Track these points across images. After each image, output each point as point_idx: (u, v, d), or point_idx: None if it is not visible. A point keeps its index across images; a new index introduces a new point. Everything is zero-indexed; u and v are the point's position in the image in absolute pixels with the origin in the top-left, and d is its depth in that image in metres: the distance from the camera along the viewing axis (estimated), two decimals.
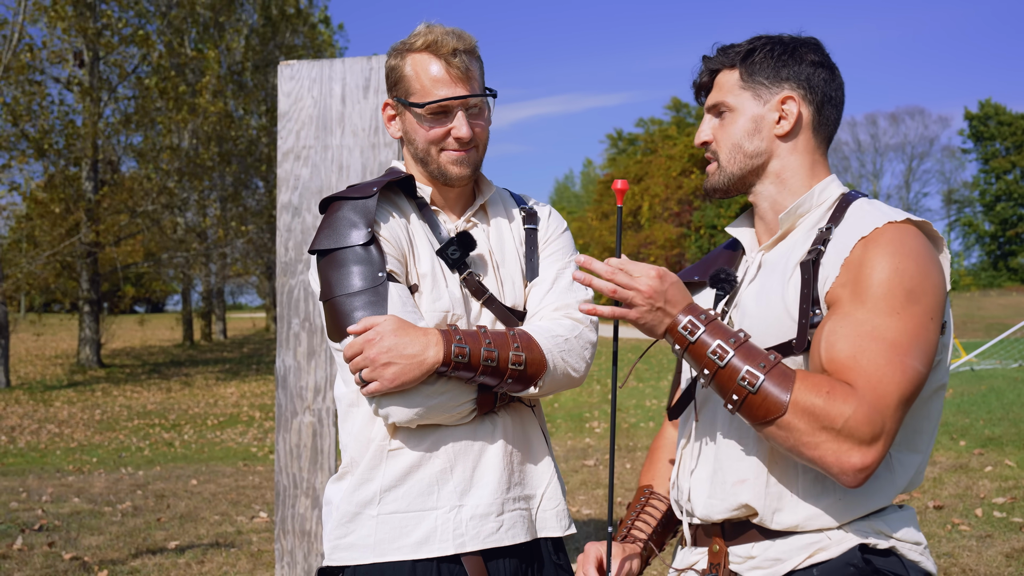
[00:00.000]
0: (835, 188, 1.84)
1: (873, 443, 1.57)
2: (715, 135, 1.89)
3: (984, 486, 7.23)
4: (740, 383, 1.62)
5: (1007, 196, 56.95)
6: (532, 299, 2.11)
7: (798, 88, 1.82)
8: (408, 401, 1.90)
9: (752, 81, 1.84)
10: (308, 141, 4.33)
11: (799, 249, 1.78)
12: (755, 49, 1.85)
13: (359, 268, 1.94)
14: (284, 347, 4.31)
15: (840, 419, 1.56)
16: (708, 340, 1.66)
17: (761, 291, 1.80)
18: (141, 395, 20.34)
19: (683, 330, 1.68)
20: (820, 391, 1.58)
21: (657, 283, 1.69)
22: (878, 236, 1.67)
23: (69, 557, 5.87)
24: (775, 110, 1.83)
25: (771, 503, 1.72)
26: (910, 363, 1.60)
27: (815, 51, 1.85)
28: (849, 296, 1.65)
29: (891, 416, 1.58)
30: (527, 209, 2.21)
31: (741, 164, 1.86)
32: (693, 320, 1.68)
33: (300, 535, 4.26)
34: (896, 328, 1.61)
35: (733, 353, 1.64)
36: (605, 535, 6.38)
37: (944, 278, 1.70)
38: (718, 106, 1.88)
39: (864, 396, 1.57)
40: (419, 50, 2.03)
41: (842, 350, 1.61)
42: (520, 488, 2.04)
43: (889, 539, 1.70)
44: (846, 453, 1.57)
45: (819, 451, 1.58)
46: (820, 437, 1.58)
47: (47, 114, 22.63)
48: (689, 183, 35.81)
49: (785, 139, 1.83)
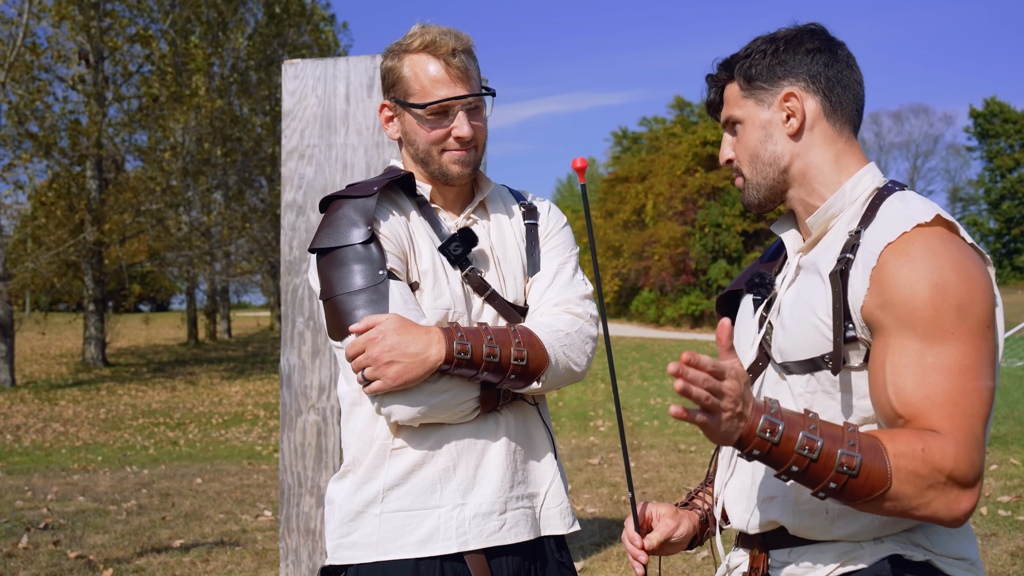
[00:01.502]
0: (869, 181, 1.73)
1: (976, 482, 1.52)
2: (736, 151, 1.83)
3: (989, 484, 7.21)
4: (840, 470, 1.49)
5: (1012, 194, 56.82)
6: (533, 294, 2.11)
7: (798, 81, 1.75)
8: (411, 399, 1.90)
9: (751, 88, 1.78)
10: (312, 140, 4.34)
11: (831, 254, 1.69)
12: (749, 54, 1.79)
13: (360, 266, 1.93)
14: (289, 346, 4.31)
15: (943, 473, 1.49)
16: (792, 435, 1.49)
17: (797, 299, 1.73)
18: (146, 394, 20.37)
19: (763, 433, 1.48)
20: (915, 450, 1.49)
21: (740, 386, 1.47)
22: (907, 246, 1.56)
23: (74, 556, 5.88)
24: (780, 110, 1.76)
25: (801, 521, 1.68)
26: (983, 385, 1.53)
27: (811, 38, 1.77)
28: (896, 324, 1.55)
29: (982, 447, 1.52)
30: (527, 204, 2.21)
31: (764, 173, 1.78)
32: (770, 419, 1.49)
33: (304, 533, 4.26)
34: (958, 352, 1.52)
35: (822, 441, 1.49)
36: (608, 535, 6.35)
37: (989, 279, 1.60)
38: (730, 121, 1.83)
39: (957, 439, 1.50)
40: (416, 51, 2.03)
41: (913, 392, 1.52)
42: (524, 486, 2.04)
43: (928, 552, 1.64)
44: (956, 502, 1.51)
45: (931, 509, 1.51)
46: (928, 496, 1.50)
47: (51, 113, 22.68)
48: (693, 181, 35.72)
49: (799, 136, 1.76)
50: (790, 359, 1.71)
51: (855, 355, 1.64)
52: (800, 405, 1.69)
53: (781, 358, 1.73)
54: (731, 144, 1.84)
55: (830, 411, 1.67)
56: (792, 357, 1.70)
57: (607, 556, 5.69)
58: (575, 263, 2.17)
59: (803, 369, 1.69)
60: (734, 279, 2.02)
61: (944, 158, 74.81)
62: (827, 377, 1.66)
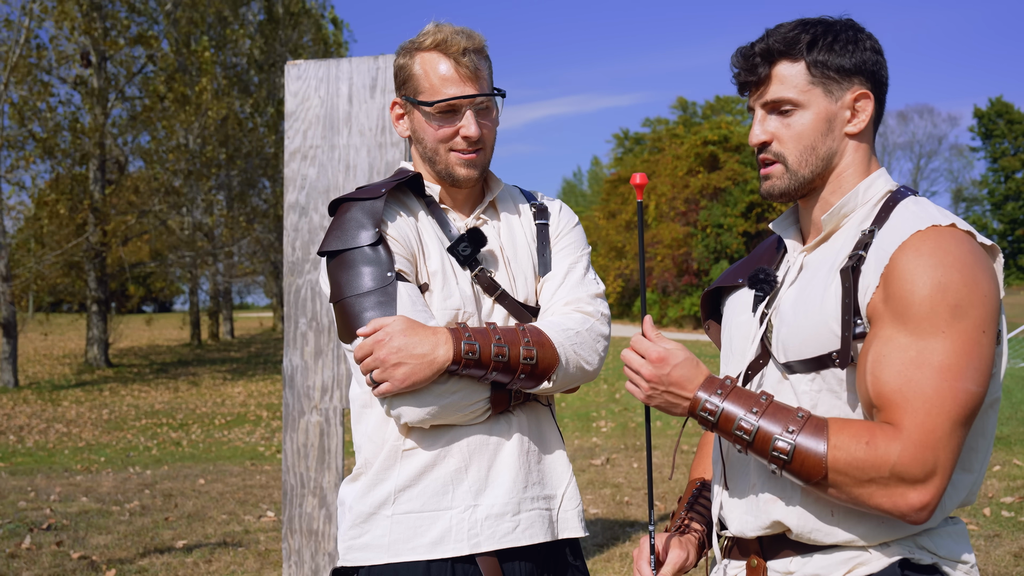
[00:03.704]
0: (882, 184, 1.72)
1: (928, 480, 1.50)
2: (779, 135, 1.72)
3: (992, 485, 7.20)
4: (774, 453, 1.57)
5: (1016, 195, 56.74)
6: (544, 294, 2.10)
7: (867, 81, 1.70)
8: (420, 401, 1.89)
9: (822, 75, 1.68)
10: (315, 141, 4.34)
11: (842, 252, 1.67)
12: (816, 38, 1.69)
13: (368, 269, 1.93)
14: (291, 347, 4.31)
15: (885, 466, 1.50)
16: (730, 414, 1.61)
17: (800, 296, 1.71)
18: (149, 394, 20.38)
19: (703, 412, 1.64)
20: (860, 441, 1.52)
21: (655, 369, 1.67)
22: (919, 243, 1.55)
23: (77, 556, 5.89)
24: (847, 107, 1.70)
25: (806, 523, 1.66)
26: (962, 386, 1.51)
27: (867, 35, 1.72)
28: (891, 316, 1.55)
29: (944, 447, 1.50)
30: (537, 204, 2.20)
31: (813, 167, 1.72)
32: (710, 400, 1.64)
33: (307, 534, 4.26)
34: (943, 350, 1.51)
35: (758, 424, 1.58)
36: (610, 536, 6.35)
37: (996, 285, 1.58)
38: (781, 102, 1.71)
39: (910, 434, 1.50)
40: (428, 49, 2.03)
41: (888, 382, 1.53)
42: (539, 487, 2.03)
43: (933, 556, 1.64)
44: (901, 497, 1.51)
45: (873, 500, 1.53)
46: (869, 488, 1.52)
47: (55, 114, 22.71)
48: (696, 182, 35.69)
49: (855, 138, 1.72)
50: (794, 357, 1.69)
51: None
52: (804, 404, 1.67)
53: (784, 356, 1.71)
54: (774, 126, 1.73)
55: (835, 410, 1.65)
56: (797, 355, 1.68)
57: (609, 557, 5.68)
58: (586, 262, 2.16)
59: (808, 368, 1.67)
60: (720, 276, 1.99)
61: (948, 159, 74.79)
62: (833, 375, 1.65)
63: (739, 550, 1.80)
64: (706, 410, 1.64)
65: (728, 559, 1.84)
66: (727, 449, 1.85)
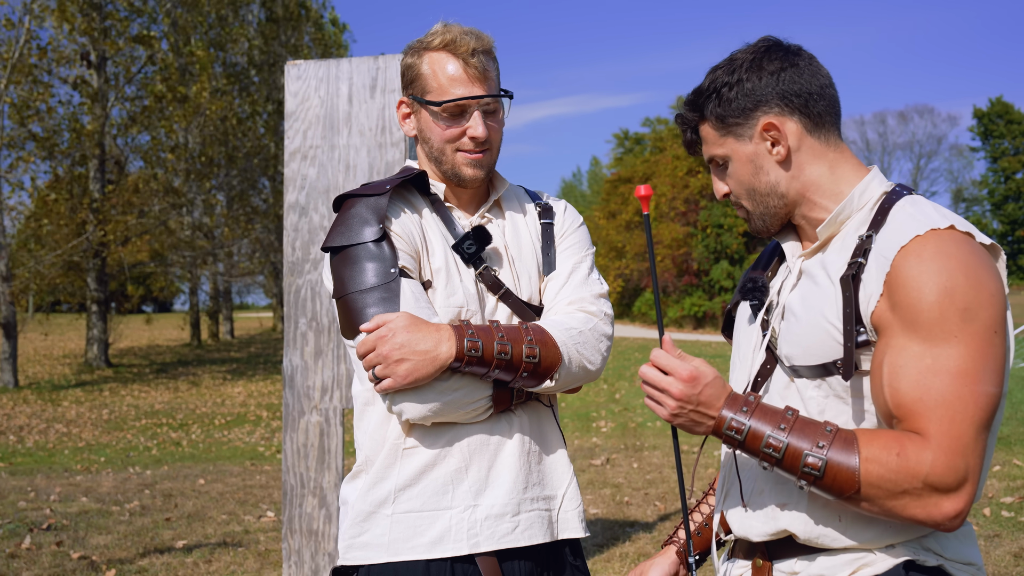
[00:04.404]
0: (876, 186, 1.71)
1: (961, 487, 1.50)
2: (730, 186, 1.79)
3: (992, 485, 7.21)
4: (804, 470, 1.55)
5: (1016, 196, 56.75)
6: (548, 293, 2.10)
7: (771, 108, 1.70)
8: (422, 397, 1.89)
9: (726, 125, 1.73)
10: (315, 141, 4.34)
11: (840, 258, 1.67)
12: (713, 90, 1.74)
13: (371, 264, 1.93)
14: (291, 347, 4.31)
15: (918, 478, 1.49)
16: (758, 432, 1.58)
17: (802, 303, 1.71)
18: (149, 395, 20.38)
19: (729, 431, 1.61)
20: (889, 454, 1.51)
21: (687, 388, 1.62)
22: (920, 249, 1.54)
23: (77, 556, 5.89)
24: (762, 140, 1.71)
25: (814, 529, 1.65)
26: (981, 389, 1.50)
27: (769, 57, 1.72)
28: (900, 325, 1.54)
29: (972, 452, 1.50)
30: (542, 204, 2.20)
31: (765, 203, 1.75)
32: (736, 419, 1.60)
33: (307, 534, 4.26)
34: (958, 355, 1.50)
35: (787, 440, 1.56)
36: (610, 536, 6.33)
37: (1001, 283, 1.58)
38: (714, 160, 1.79)
39: (940, 443, 1.49)
40: (437, 49, 2.03)
41: (907, 392, 1.52)
42: (539, 488, 2.03)
43: (940, 558, 1.63)
44: (935, 507, 1.50)
45: (908, 512, 1.52)
46: (903, 500, 1.51)
47: (55, 115, 22.70)
48: (696, 182, 35.69)
49: (788, 161, 1.71)
50: (799, 363, 1.69)
51: (866, 360, 1.62)
52: (811, 409, 1.67)
53: (789, 361, 1.71)
54: (723, 180, 1.80)
55: (843, 416, 1.65)
56: (801, 362, 1.68)
57: (609, 557, 5.68)
58: (591, 262, 2.16)
59: (814, 374, 1.67)
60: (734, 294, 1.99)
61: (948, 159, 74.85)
62: (839, 382, 1.64)
63: (743, 551, 1.81)
64: (732, 428, 1.60)
65: (733, 558, 1.84)
66: (729, 455, 1.85)
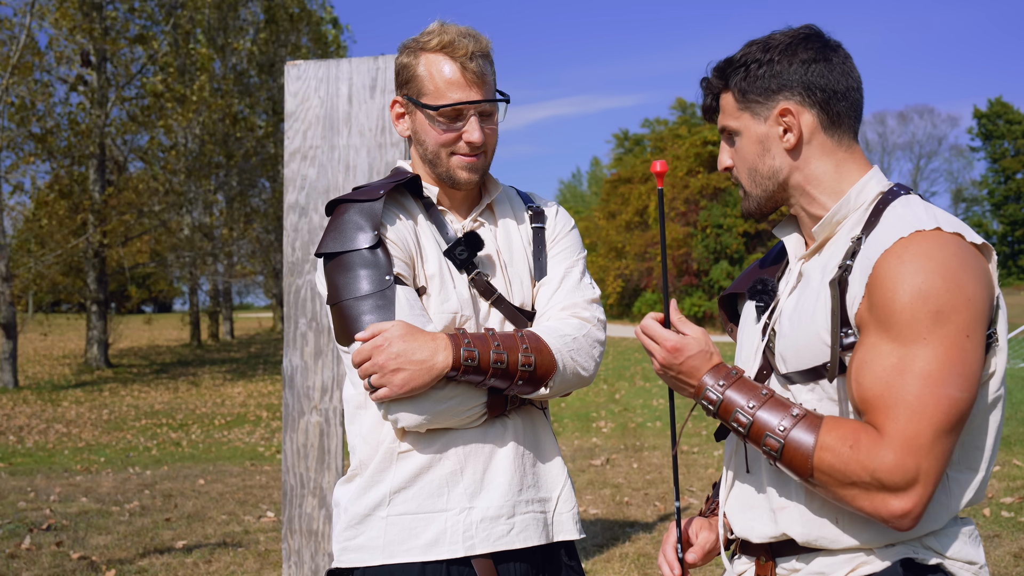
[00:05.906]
0: (874, 186, 1.71)
1: (909, 488, 1.51)
2: (734, 160, 1.81)
3: (992, 486, 7.21)
4: (764, 448, 1.61)
5: (1016, 196, 56.73)
6: (540, 298, 2.10)
7: (793, 95, 1.70)
8: (417, 407, 1.88)
9: (747, 101, 1.74)
10: (315, 141, 4.34)
11: (833, 261, 1.68)
12: (744, 64, 1.74)
13: (366, 272, 1.92)
14: (291, 347, 4.31)
15: (866, 472, 1.51)
16: (730, 404, 1.66)
17: (796, 307, 1.72)
18: (148, 395, 20.38)
19: (704, 400, 1.70)
20: (845, 444, 1.54)
21: (670, 357, 1.74)
22: (901, 251, 1.55)
23: (77, 556, 5.89)
24: (776, 124, 1.72)
25: (813, 530, 1.67)
26: (944, 392, 1.50)
27: (806, 46, 1.72)
28: (875, 324, 1.56)
29: (927, 455, 1.50)
30: (534, 208, 2.19)
31: (763, 186, 1.77)
32: (714, 387, 1.69)
33: (307, 534, 4.26)
34: (925, 357, 1.51)
35: (753, 417, 1.62)
36: (610, 536, 6.34)
37: (985, 287, 1.56)
38: (725, 130, 1.80)
39: (893, 441, 1.50)
40: (433, 50, 2.01)
41: (870, 388, 1.54)
42: (534, 490, 2.03)
43: (939, 556, 1.64)
44: (883, 503, 1.52)
45: (857, 503, 1.55)
46: (852, 491, 1.54)
47: (55, 115, 22.70)
48: (696, 183, 35.67)
49: (796, 151, 1.72)
50: (792, 368, 1.70)
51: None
52: None
53: (784, 368, 1.72)
54: (729, 153, 1.82)
55: None
56: (794, 366, 1.69)
57: (609, 557, 5.68)
58: (582, 267, 2.15)
59: (806, 379, 1.68)
60: (735, 280, 2.01)
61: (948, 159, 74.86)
62: (830, 385, 1.65)
63: (749, 548, 1.82)
64: (707, 399, 1.69)
65: (738, 555, 1.85)
66: (731, 455, 1.86)
